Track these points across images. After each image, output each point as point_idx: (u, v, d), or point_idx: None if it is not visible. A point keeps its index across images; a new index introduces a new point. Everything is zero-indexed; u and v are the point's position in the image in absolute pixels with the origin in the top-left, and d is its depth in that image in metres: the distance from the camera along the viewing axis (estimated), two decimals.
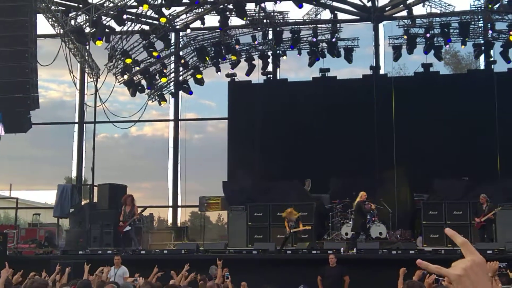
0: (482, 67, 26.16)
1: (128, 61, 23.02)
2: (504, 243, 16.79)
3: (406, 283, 5.81)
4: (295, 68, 30.18)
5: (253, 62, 25.75)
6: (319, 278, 14.65)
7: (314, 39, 24.54)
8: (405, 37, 23.99)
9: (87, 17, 21.05)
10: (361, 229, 17.87)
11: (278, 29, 24.32)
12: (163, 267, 12.97)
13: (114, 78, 23.81)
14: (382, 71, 26.15)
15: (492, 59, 24.80)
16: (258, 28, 24.47)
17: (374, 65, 25.72)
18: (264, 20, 24.15)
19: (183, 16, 23.76)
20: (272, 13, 24.02)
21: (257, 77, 26.06)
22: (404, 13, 24.05)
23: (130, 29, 22.55)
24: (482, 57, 25.45)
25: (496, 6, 22.28)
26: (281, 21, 24.28)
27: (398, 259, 15.77)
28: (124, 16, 21.32)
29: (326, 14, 24.63)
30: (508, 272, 10.14)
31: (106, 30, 21.52)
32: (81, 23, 21.27)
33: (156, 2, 21.22)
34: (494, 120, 23.51)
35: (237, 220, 20.66)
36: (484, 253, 15.30)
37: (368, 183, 22.07)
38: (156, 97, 25.89)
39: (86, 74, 25.15)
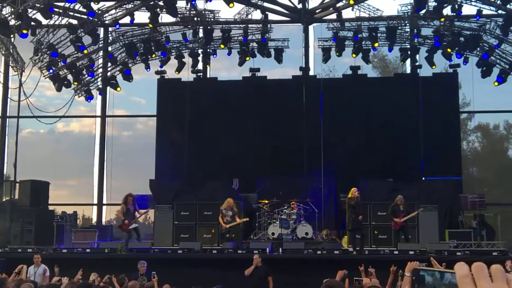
0: (408, 71, 26.70)
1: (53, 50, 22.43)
2: (426, 244, 17.20)
3: (325, 282, 5.80)
4: (227, 67, 30.15)
5: (183, 60, 25.55)
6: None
7: (245, 39, 24.52)
8: (334, 39, 24.26)
9: (12, 9, 20.38)
10: (353, 224, 17.65)
11: (208, 27, 24.18)
12: (85, 266, 12.70)
13: (40, 72, 23.20)
14: (312, 73, 26.35)
15: (417, 63, 25.37)
16: (189, 26, 24.29)
17: (304, 66, 25.91)
18: (195, 18, 23.98)
19: (112, 11, 23.32)
20: (203, 12, 23.87)
21: (187, 75, 25.89)
22: (333, 16, 24.27)
23: (57, 22, 21.97)
24: (408, 62, 25.96)
25: (422, 12, 22.76)
26: (212, 19, 24.15)
27: (323, 259, 15.97)
28: (51, 10, 20.77)
29: (257, 15, 24.65)
30: None
31: (32, 23, 20.91)
32: (6, 15, 20.58)
33: None
34: (419, 122, 24.09)
35: (163, 218, 20.44)
36: (405, 254, 15.67)
37: (296, 183, 22.23)
38: (83, 92, 25.36)
39: (10, 67, 24.43)
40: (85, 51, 23.25)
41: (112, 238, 22.30)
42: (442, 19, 22.62)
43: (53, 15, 21.20)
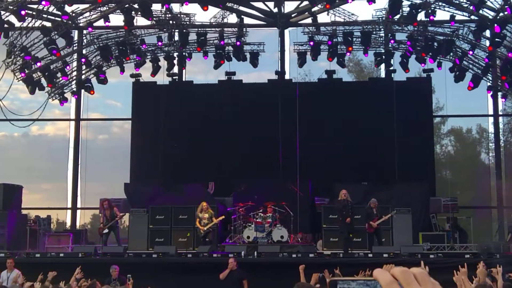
0: (383, 75, 26.90)
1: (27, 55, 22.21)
2: (399, 246, 17.32)
3: (296, 285, 5.84)
4: (203, 70, 30.12)
5: (159, 63, 25.47)
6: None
7: (221, 42, 24.52)
8: (310, 43, 24.37)
9: None
10: (342, 227, 17.69)
11: (184, 30, 24.14)
12: (59, 271, 12.59)
13: (13, 74, 22.95)
14: (287, 76, 26.44)
15: (392, 68, 25.56)
16: (164, 29, 24.22)
17: (279, 70, 25.98)
18: (170, 21, 23.92)
19: (87, 14, 23.17)
20: (179, 15, 23.81)
21: (162, 78, 25.82)
22: (309, 20, 24.38)
23: (30, 25, 21.78)
24: (383, 66, 26.15)
25: (397, 17, 22.95)
26: (188, 23, 24.11)
27: (298, 262, 15.98)
28: (24, 12, 20.59)
29: (233, 18, 24.66)
30: None
31: (5, 26, 20.72)
32: None
33: None
34: (393, 126, 24.23)
35: (138, 222, 20.33)
36: (379, 256, 15.77)
37: (271, 187, 22.26)
38: (57, 95, 25.14)
39: None
40: (58, 54, 22.96)
41: (86, 242, 22.14)
42: (416, 24, 22.82)
43: (26, 18, 21.02)
